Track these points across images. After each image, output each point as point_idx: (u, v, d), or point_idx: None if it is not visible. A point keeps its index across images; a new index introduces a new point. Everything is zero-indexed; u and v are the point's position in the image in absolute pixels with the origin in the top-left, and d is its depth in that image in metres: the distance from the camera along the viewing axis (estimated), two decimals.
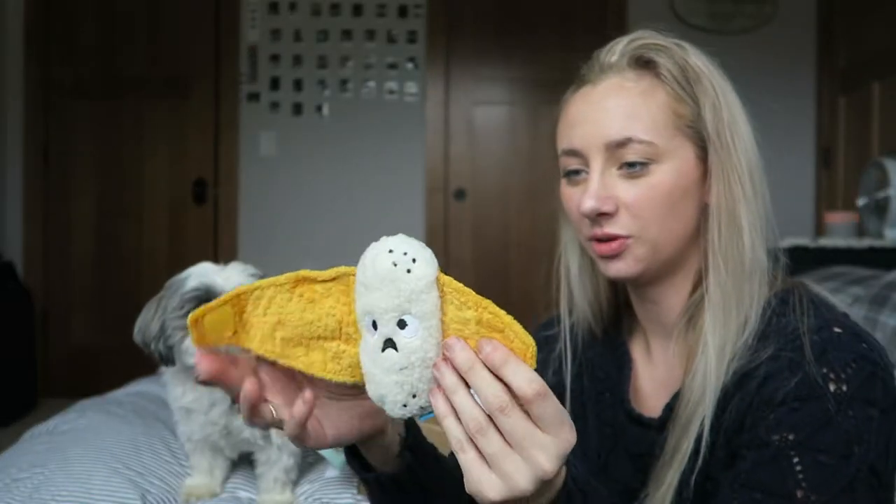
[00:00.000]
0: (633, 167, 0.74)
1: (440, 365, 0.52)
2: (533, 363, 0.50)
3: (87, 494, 1.10)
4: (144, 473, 1.20)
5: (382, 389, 0.54)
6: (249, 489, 1.24)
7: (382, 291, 0.52)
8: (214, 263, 1.16)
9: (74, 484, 1.12)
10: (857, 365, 0.65)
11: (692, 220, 0.76)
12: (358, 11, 3.92)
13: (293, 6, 3.90)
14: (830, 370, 0.65)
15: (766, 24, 3.85)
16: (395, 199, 3.93)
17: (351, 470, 1.23)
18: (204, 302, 1.10)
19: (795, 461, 0.63)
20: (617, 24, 3.81)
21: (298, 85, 3.92)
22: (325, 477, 1.24)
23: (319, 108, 3.93)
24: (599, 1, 3.91)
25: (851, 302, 1.98)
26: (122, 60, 3.91)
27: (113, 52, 3.91)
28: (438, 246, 3.92)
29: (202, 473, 1.21)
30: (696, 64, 0.76)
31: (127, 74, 3.91)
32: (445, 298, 0.53)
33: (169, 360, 1.12)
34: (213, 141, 3.93)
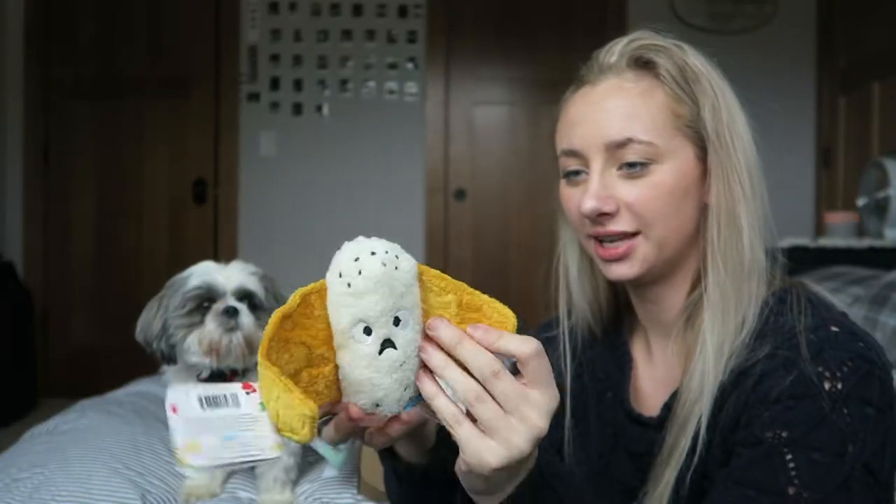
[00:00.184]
0: (633, 167, 0.74)
1: (426, 346, 0.53)
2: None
3: (87, 494, 1.10)
4: (144, 473, 1.20)
5: (381, 392, 0.53)
6: (249, 489, 1.24)
7: (378, 294, 0.51)
8: (215, 262, 1.16)
9: (74, 484, 1.12)
10: (853, 364, 0.65)
11: (693, 219, 0.76)
12: (358, 11, 3.92)
13: (293, 6, 3.90)
14: (826, 368, 0.65)
15: (766, 24, 3.85)
16: (395, 199, 3.93)
17: (350, 468, 1.23)
18: (205, 300, 1.11)
19: (789, 458, 0.64)
20: (617, 24, 3.81)
21: (298, 85, 3.92)
22: (324, 476, 1.24)
23: (319, 108, 3.93)
24: (599, 1, 3.91)
25: (851, 302, 1.98)
26: (122, 60, 3.92)
27: (113, 52, 3.91)
28: (438, 246, 3.92)
29: (202, 474, 1.21)
30: (694, 64, 0.77)
31: (127, 74, 3.91)
32: (425, 286, 0.54)
33: (171, 358, 1.13)
34: (213, 141, 3.93)
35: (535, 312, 1.00)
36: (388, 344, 0.52)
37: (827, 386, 0.64)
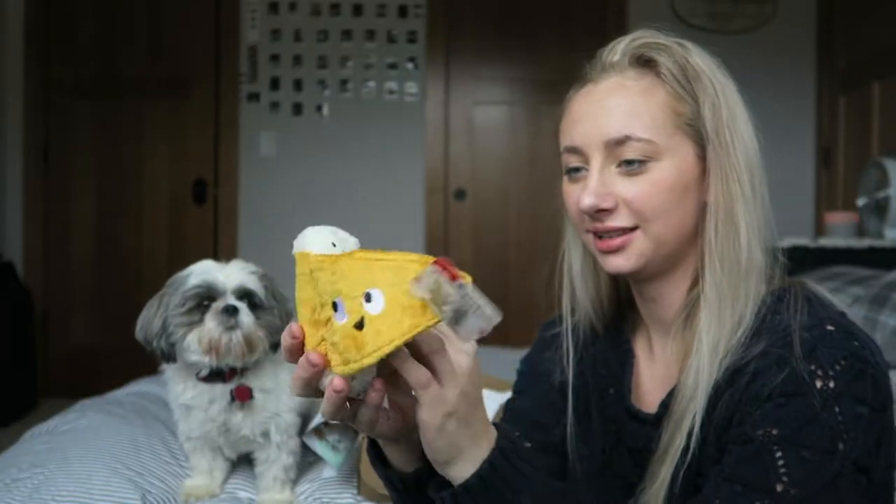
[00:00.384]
0: (631, 165, 0.75)
1: None
2: (421, 266, 0.56)
3: (87, 494, 1.10)
4: (144, 474, 1.20)
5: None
6: (249, 489, 1.24)
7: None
8: (215, 261, 1.16)
9: (74, 484, 1.12)
10: (846, 362, 0.65)
11: (692, 217, 0.77)
12: (358, 11, 3.92)
13: (293, 6, 3.90)
14: (819, 367, 0.65)
15: (766, 24, 3.85)
16: (395, 199, 3.92)
17: (350, 469, 1.23)
18: (205, 299, 1.11)
19: (778, 456, 0.64)
20: (617, 24, 3.81)
21: (298, 85, 3.92)
22: (323, 477, 1.24)
23: (319, 108, 3.93)
24: (599, 1, 3.91)
25: (851, 302, 1.98)
26: (122, 60, 3.91)
27: (113, 52, 3.91)
28: (438, 246, 3.92)
29: (202, 474, 1.21)
30: (696, 63, 0.77)
31: (127, 74, 3.91)
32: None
33: (171, 357, 1.13)
34: (213, 141, 3.93)
35: (535, 312, 1.00)
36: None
37: (819, 384, 0.64)
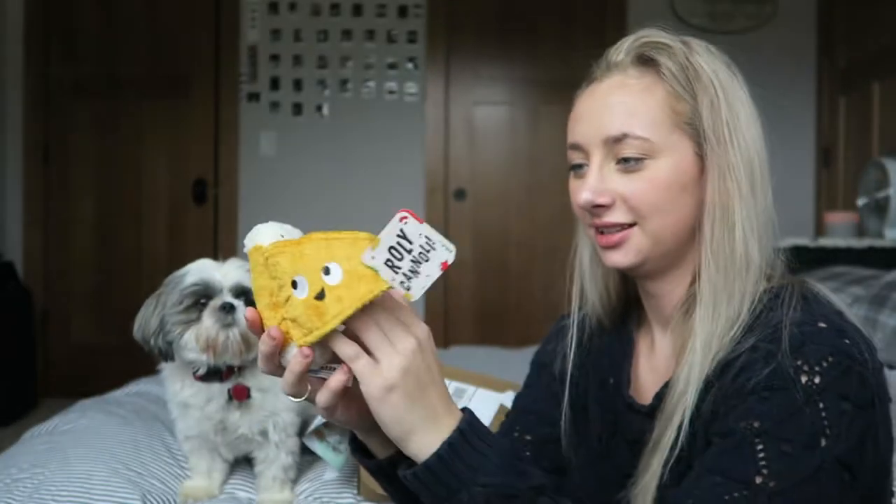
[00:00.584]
0: (628, 162, 0.76)
1: None
2: (369, 243, 0.62)
3: (87, 494, 1.10)
4: (144, 474, 1.20)
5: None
6: (249, 489, 1.24)
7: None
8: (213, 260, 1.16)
9: (74, 484, 1.12)
10: (833, 359, 0.65)
11: (691, 215, 0.77)
12: (358, 11, 3.92)
13: (293, 6, 3.90)
14: (805, 362, 0.65)
15: (766, 24, 3.85)
16: (395, 199, 3.92)
17: (350, 469, 1.23)
18: (203, 297, 1.11)
19: (759, 448, 0.64)
20: (617, 24, 3.81)
21: (298, 85, 3.92)
22: (324, 478, 1.24)
23: (319, 108, 3.93)
24: (599, 1, 3.91)
25: (851, 302, 1.98)
26: (122, 60, 3.92)
27: (113, 52, 3.91)
28: None
29: (200, 475, 1.21)
30: (697, 62, 0.78)
31: (127, 74, 3.91)
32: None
33: (168, 355, 1.13)
34: (213, 141, 3.93)
35: (535, 312, 1.00)
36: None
37: (803, 379, 0.65)
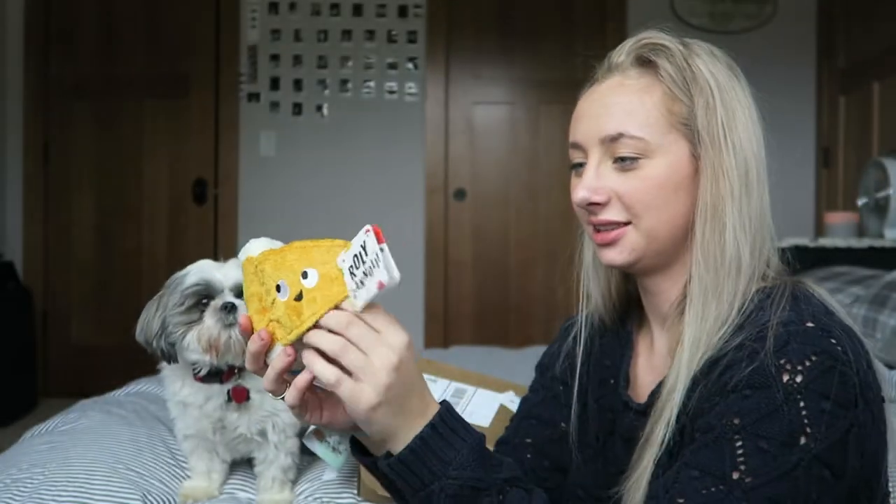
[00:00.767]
0: (624, 161, 0.78)
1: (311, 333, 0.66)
2: (343, 249, 0.65)
3: (86, 494, 1.10)
4: (145, 474, 1.20)
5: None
6: (248, 490, 1.24)
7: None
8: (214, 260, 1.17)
9: (74, 484, 1.12)
10: (816, 358, 0.66)
11: (685, 214, 0.78)
12: (358, 11, 3.92)
13: (293, 6, 3.91)
14: (788, 361, 0.66)
15: (765, 24, 3.85)
16: (395, 199, 3.93)
17: (350, 470, 1.23)
18: (204, 297, 1.11)
19: (738, 445, 0.65)
20: (617, 24, 3.81)
21: (298, 85, 3.92)
22: (323, 477, 1.24)
23: (319, 108, 3.93)
24: (599, 1, 3.91)
25: (851, 302, 1.98)
26: (122, 60, 3.92)
27: (113, 52, 3.91)
28: (438, 246, 3.92)
29: (200, 476, 1.21)
30: (695, 64, 0.78)
31: (127, 74, 3.91)
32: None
33: (171, 357, 1.12)
34: (213, 141, 3.93)
35: (534, 312, 1.00)
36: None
37: (785, 378, 0.65)
